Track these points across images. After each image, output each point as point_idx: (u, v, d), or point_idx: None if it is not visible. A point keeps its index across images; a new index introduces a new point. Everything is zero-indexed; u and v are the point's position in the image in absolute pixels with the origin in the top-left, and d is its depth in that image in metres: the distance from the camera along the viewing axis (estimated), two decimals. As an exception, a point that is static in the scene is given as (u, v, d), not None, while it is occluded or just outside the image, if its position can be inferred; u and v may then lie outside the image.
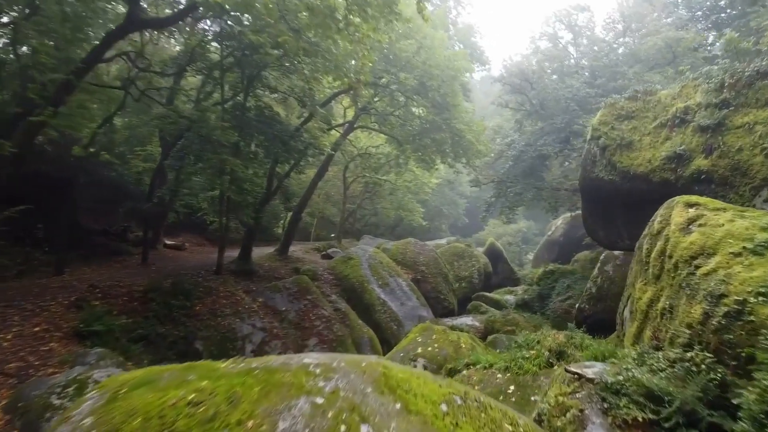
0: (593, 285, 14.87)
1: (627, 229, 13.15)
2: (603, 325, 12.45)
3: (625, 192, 12.27)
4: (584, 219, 16.98)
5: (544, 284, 21.78)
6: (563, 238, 33.28)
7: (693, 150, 10.40)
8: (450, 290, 21.99)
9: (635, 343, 6.00)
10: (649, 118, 11.92)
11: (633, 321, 6.44)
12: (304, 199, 20.51)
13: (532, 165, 20.10)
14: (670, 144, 10.88)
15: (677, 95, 11.46)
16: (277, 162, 16.27)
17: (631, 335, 6.35)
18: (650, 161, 11.26)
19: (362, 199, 36.15)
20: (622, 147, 12.21)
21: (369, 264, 20.27)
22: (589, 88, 18.81)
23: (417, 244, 23.91)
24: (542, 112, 20.51)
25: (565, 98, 18.82)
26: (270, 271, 17.86)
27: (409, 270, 21.88)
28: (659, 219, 6.82)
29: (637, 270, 7.22)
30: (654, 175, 11.09)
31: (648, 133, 11.71)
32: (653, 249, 6.47)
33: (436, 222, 51.84)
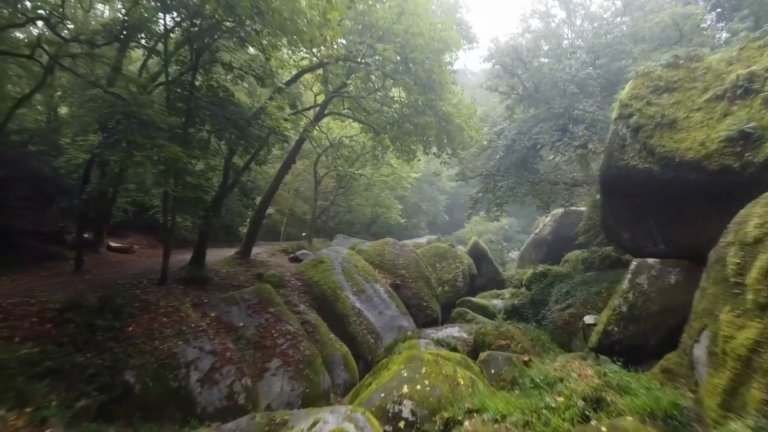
0: (622, 302, 12.26)
1: (662, 232, 11.37)
2: (637, 353, 10.69)
3: (663, 184, 10.38)
4: (603, 218, 15.19)
5: (537, 288, 20.32)
6: (552, 236, 31.99)
7: (766, 128, 8.52)
8: (433, 296, 20.31)
9: (727, 402, 4.31)
10: (698, 89, 10.06)
11: (718, 367, 4.76)
12: (268, 195, 18.52)
13: (526, 156, 18.52)
14: (731, 121, 8.97)
15: (735, 59, 9.67)
16: (233, 152, 14.27)
17: (717, 389, 4.65)
18: (703, 144, 9.30)
19: (335, 195, 34.22)
20: (663, 127, 10.29)
21: (342, 268, 18.45)
22: (589, 68, 17.31)
23: (396, 245, 22.16)
24: (536, 96, 18.94)
25: (562, 80, 17.27)
26: (228, 278, 15.85)
27: (387, 274, 20.13)
28: (758, 221, 5.06)
29: (716, 293, 5.49)
30: (710, 162, 9.05)
31: (698, 109, 9.82)
32: (751, 265, 4.77)
33: (415, 219, 50.28)
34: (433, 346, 14.96)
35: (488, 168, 21.02)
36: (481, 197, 22.12)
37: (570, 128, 16.79)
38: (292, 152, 18.41)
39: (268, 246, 25.67)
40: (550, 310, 16.90)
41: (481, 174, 21.49)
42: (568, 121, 17.03)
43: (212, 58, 12.66)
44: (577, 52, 18.18)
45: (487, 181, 21.28)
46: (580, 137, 16.10)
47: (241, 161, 16.11)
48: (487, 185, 21.27)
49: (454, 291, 23.57)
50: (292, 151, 18.42)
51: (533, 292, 20.22)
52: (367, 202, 36.90)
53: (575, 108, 16.76)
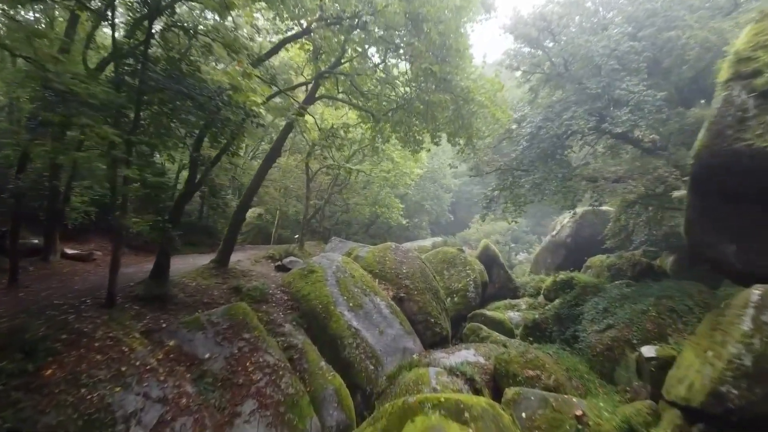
0: (744, 350, 8.64)
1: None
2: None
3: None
4: (689, 223, 12.27)
5: (563, 301, 18.04)
6: (571, 239, 29.71)
7: None
8: (442, 310, 18.01)
9: None
10: None
11: None
12: (249, 194, 16.18)
13: (554, 146, 16.16)
14: None
15: None
16: (201, 141, 11.95)
17: None
18: None
19: (330, 193, 31.87)
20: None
21: (337, 279, 16.15)
22: (631, 41, 14.92)
23: (398, 250, 19.84)
24: (566, 75, 16.57)
25: (599, 55, 14.89)
26: (197, 294, 13.52)
27: (388, 285, 17.82)
28: None
29: None
30: None
31: None
32: None
33: (416, 219, 47.94)
34: (445, 376, 12.68)
35: (507, 161, 18.67)
36: (497, 195, 19.76)
37: (610, 112, 14.45)
38: (278, 143, 16.07)
39: (253, 251, 23.37)
40: (584, 331, 14.54)
41: (499, 168, 19.12)
42: (607, 103, 14.69)
43: (169, 22, 10.32)
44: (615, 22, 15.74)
45: (504, 176, 18.93)
46: (624, 122, 13.76)
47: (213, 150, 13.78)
48: (504, 181, 18.92)
49: (464, 302, 21.28)
50: (278, 142, 16.07)
51: (558, 306, 17.92)
52: (365, 200, 34.52)
53: (616, 88, 14.42)
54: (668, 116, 14.33)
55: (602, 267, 23.89)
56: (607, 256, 24.30)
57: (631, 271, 21.90)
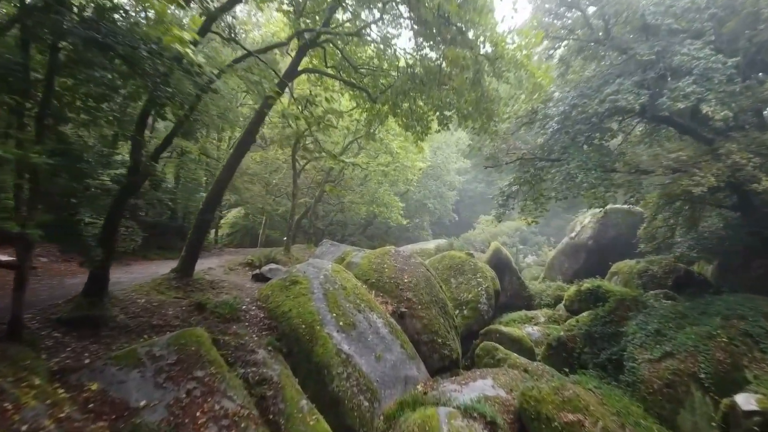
0: None
1: None
2: None
3: None
4: None
5: (595, 317, 15.59)
6: (593, 242, 27.25)
7: None
8: (451, 327, 15.57)
9: None
10: None
11: None
12: (217, 190, 13.66)
13: (592, 128, 13.62)
14: None
15: None
16: (145, 117, 9.44)
17: None
18: None
19: (322, 190, 29.38)
20: None
21: (324, 291, 13.70)
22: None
23: (399, 256, 17.37)
24: (607, 40, 14.00)
25: (652, 13, 12.38)
26: (144, 314, 11.01)
27: (387, 297, 15.39)
28: None
29: None
30: None
31: None
32: None
33: (418, 219, 45.52)
34: (459, 419, 10.24)
35: (530, 149, 16.16)
36: (516, 191, 17.20)
37: (667, 84, 11.95)
38: (252, 125, 13.53)
39: (231, 256, 20.96)
40: (632, 359, 11.99)
41: (521, 158, 16.56)
42: (663, 72, 12.19)
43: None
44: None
45: (524, 168, 16.42)
46: (687, 96, 11.24)
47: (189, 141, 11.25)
48: (524, 174, 16.39)
49: (475, 316, 18.84)
50: (252, 125, 13.54)
51: (589, 322, 15.48)
52: (362, 199, 32.05)
53: (674, 53, 11.92)
54: (740, 89, 11.86)
55: (631, 274, 21.48)
56: (637, 262, 21.88)
57: (667, 280, 19.51)
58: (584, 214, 29.78)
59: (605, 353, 13.88)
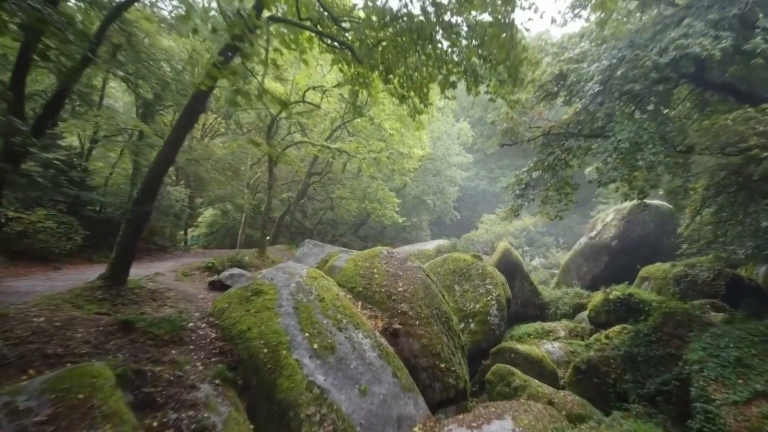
0: None
1: None
2: None
3: None
4: None
5: (636, 336, 13.00)
6: (618, 242, 24.58)
7: None
8: (456, 347, 12.91)
9: None
10: None
11: None
12: (155, 175, 10.85)
13: (648, 89, 10.87)
14: None
15: None
16: (26, 63, 6.74)
17: None
18: None
19: (307, 183, 26.68)
20: None
21: (295, 303, 11.08)
22: None
23: (392, 258, 14.69)
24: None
25: None
26: (34, 341, 8.25)
27: (377, 310, 12.72)
28: None
29: None
30: None
31: None
32: None
33: (415, 218, 42.87)
34: (473, 487, 7.62)
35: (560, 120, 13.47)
36: (537, 177, 14.42)
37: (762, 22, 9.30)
38: (200, 94, 10.71)
39: (193, 258, 18.30)
40: (708, 399, 9.19)
41: (546, 133, 13.83)
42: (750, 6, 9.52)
43: None
44: None
45: (549, 147, 13.72)
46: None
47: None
48: (548, 155, 13.66)
49: (485, 331, 16.21)
50: (200, 93, 10.69)
51: (629, 342, 12.80)
52: (353, 194, 29.32)
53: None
54: None
55: (666, 279, 18.91)
56: (672, 265, 19.26)
57: (712, 287, 16.96)
58: (605, 211, 27.20)
59: (654, 382, 11.23)
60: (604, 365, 13.23)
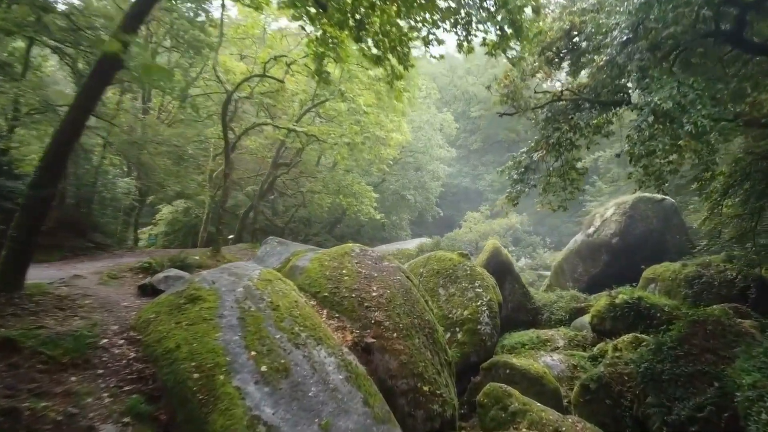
0: None
1: None
2: None
3: None
4: None
5: (657, 349, 11.26)
6: (619, 239, 22.96)
7: None
8: (442, 365, 10.98)
9: None
10: None
11: None
12: (56, 151, 8.59)
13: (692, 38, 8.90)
14: None
15: None
16: None
17: None
18: None
19: (274, 175, 24.54)
20: None
21: (241, 314, 9.04)
22: None
23: (365, 258, 12.68)
24: None
25: None
26: None
27: (345, 320, 10.71)
28: None
29: None
30: None
31: None
32: None
33: (395, 217, 40.96)
34: None
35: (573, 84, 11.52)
36: (539, 159, 12.36)
37: None
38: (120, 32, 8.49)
39: (130, 258, 16.06)
40: None
41: (555, 99, 11.85)
42: None
43: None
44: None
45: (554, 122, 11.80)
46: None
47: None
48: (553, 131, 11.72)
49: (474, 342, 14.34)
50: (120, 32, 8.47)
51: (651, 356, 11.02)
52: (326, 188, 27.22)
53: None
54: None
55: (676, 281, 17.33)
56: (683, 264, 17.63)
57: (731, 289, 15.41)
58: (604, 205, 25.60)
59: (684, 407, 9.43)
60: (618, 383, 11.41)
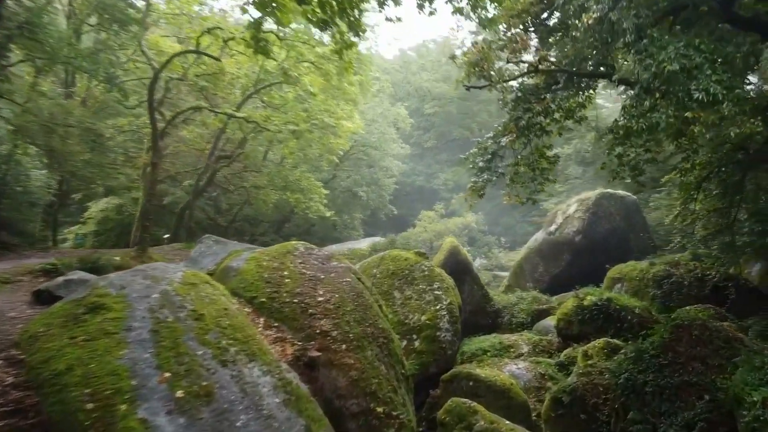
0: None
1: None
2: None
3: None
4: None
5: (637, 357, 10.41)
6: (582, 237, 22.37)
7: None
8: (399, 380, 9.71)
9: None
10: None
11: None
12: None
13: None
14: None
15: None
16: None
17: None
18: None
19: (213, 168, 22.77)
20: None
21: (154, 325, 7.52)
22: None
23: (311, 257, 11.30)
24: None
25: None
26: None
27: (287, 330, 9.30)
28: None
29: None
30: None
31: None
32: None
33: (346, 215, 39.66)
34: None
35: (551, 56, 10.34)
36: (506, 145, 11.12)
37: None
38: None
39: (39, 260, 14.17)
40: None
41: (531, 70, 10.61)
42: None
43: None
44: None
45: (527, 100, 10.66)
46: None
47: None
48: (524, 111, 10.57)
49: (433, 351, 13.19)
50: None
51: (631, 364, 10.10)
52: (271, 183, 25.58)
53: None
54: None
55: (644, 280, 16.82)
56: (650, 263, 17.08)
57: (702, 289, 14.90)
58: (566, 202, 25.04)
59: (673, 423, 8.51)
60: (593, 395, 10.44)
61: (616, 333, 13.43)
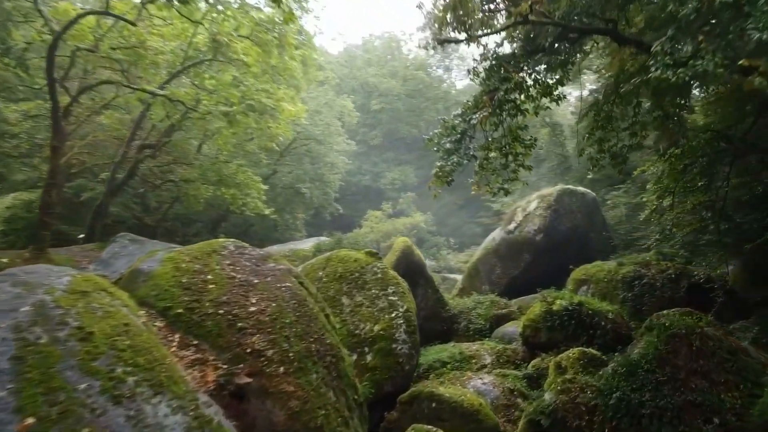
0: None
1: None
2: None
3: None
4: None
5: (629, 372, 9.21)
6: (543, 236, 21.46)
7: None
8: (352, 408, 8.10)
9: None
10: None
11: None
12: None
13: None
14: None
15: None
16: None
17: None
18: None
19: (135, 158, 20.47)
20: None
21: (19, 350, 5.54)
22: None
23: (242, 257, 9.49)
24: None
25: None
26: None
27: (209, 350, 7.47)
28: None
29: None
30: None
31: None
32: None
33: (288, 215, 37.75)
34: None
35: None
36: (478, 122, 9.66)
37: None
38: None
39: None
40: None
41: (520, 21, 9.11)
42: None
43: None
44: None
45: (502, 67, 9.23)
46: None
47: None
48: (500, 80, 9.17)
49: (389, 367, 11.64)
50: None
51: (620, 385, 8.84)
52: (204, 177, 23.43)
53: None
54: None
55: (612, 282, 15.96)
56: (618, 264, 16.24)
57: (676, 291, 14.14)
58: (526, 198, 24.12)
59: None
60: (575, 416, 9.16)
61: (588, 341, 12.41)
